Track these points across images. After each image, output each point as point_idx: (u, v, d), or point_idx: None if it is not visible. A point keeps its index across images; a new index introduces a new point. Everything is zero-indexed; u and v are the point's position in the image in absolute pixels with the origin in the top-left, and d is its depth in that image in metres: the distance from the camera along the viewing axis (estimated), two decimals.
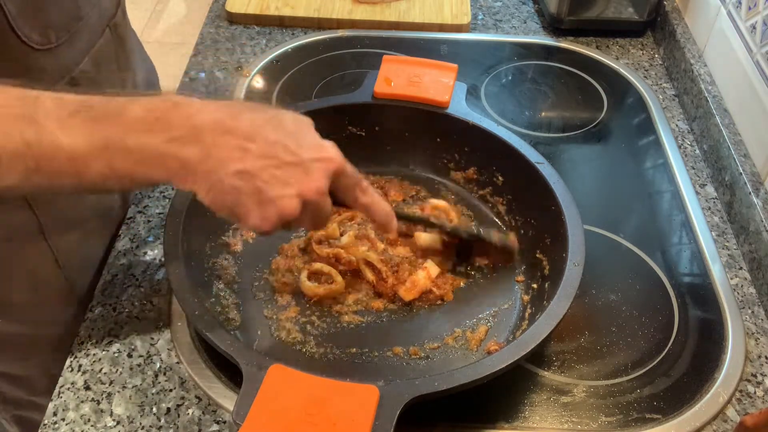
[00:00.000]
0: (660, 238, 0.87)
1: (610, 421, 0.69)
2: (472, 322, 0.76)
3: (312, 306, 0.77)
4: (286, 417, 0.56)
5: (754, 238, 0.83)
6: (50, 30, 0.67)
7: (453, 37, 1.18)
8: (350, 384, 0.58)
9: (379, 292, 0.78)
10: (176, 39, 2.99)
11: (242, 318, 0.76)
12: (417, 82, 0.88)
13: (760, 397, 0.72)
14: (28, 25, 0.65)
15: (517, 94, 1.09)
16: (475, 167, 0.88)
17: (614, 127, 1.04)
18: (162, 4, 3.19)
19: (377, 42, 1.16)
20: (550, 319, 0.66)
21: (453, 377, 0.61)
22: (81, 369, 0.72)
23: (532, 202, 0.81)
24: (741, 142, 0.92)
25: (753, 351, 0.76)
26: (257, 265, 0.81)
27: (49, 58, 0.69)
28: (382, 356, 0.73)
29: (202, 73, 1.10)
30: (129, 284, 0.80)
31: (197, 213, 0.76)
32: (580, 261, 0.71)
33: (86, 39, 0.74)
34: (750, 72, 0.92)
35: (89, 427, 0.68)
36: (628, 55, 1.16)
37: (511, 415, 0.69)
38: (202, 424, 0.68)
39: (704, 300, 0.80)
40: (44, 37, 0.67)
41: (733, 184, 0.89)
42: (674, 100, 1.08)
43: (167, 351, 0.74)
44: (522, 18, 1.23)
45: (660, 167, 0.97)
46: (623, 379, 0.73)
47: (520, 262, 0.82)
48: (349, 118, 0.89)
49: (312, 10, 1.19)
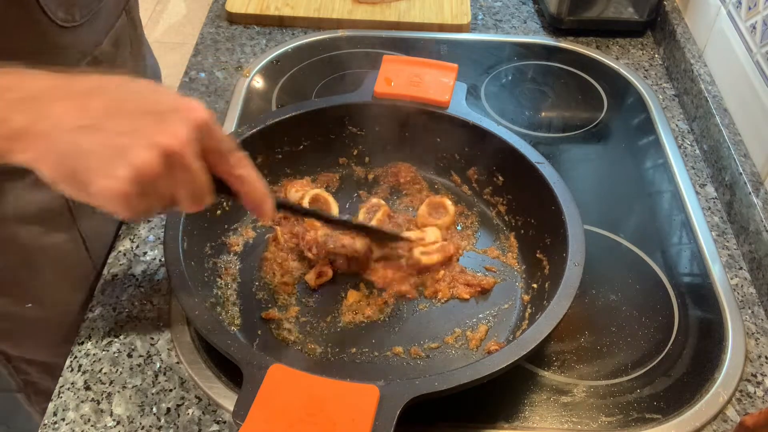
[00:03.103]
0: (660, 238, 0.87)
1: (610, 421, 0.69)
2: (472, 322, 0.77)
3: (312, 306, 0.78)
4: (286, 417, 0.56)
5: (754, 238, 0.83)
6: (75, 8, 0.68)
7: (453, 37, 1.18)
8: (350, 384, 0.58)
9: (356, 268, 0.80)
10: (176, 39, 2.99)
11: (242, 318, 0.76)
12: (417, 82, 0.88)
13: (760, 397, 0.72)
14: (55, 2, 0.65)
15: (517, 94, 1.09)
16: (475, 167, 0.88)
17: (614, 127, 1.04)
18: (162, 4, 3.19)
19: (377, 42, 1.16)
20: (550, 319, 0.66)
21: (453, 377, 0.61)
22: (81, 369, 0.72)
23: (532, 202, 0.81)
24: (741, 142, 0.92)
25: (753, 351, 0.76)
26: (257, 265, 0.81)
27: (72, 36, 0.69)
28: (382, 356, 0.73)
29: (202, 73, 1.10)
30: (129, 284, 0.80)
31: (197, 213, 0.76)
32: (580, 261, 0.71)
33: (106, 19, 0.74)
34: (750, 72, 0.92)
35: (89, 427, 0.68)
36: (628, 55, 1.16)
37: (511, 415, 0.69)
38: (202, 424, 0.68)
39: (704, 300, 0.80)
40: (69, 14, 0.67)
41: (733, 184, 0.89)
42: (674, 100, 1.08)
43: (167, 351, 0.74)
44: (522, 18, 1.23)
45: (660, 167, 0.97)
46: (623, 379, 0.73)
47: (520, 262, 0.82)
48: (349, 118, 0.89)
49: (312, 10, 1.19)
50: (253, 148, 0.84)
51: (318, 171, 0.91)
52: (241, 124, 0.98)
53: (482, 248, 0.84)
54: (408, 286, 0.78)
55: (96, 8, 0.71)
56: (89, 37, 0.72)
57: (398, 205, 0.89)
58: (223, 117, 1.01)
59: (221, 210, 0.82)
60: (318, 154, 0.90)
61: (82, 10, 0.69)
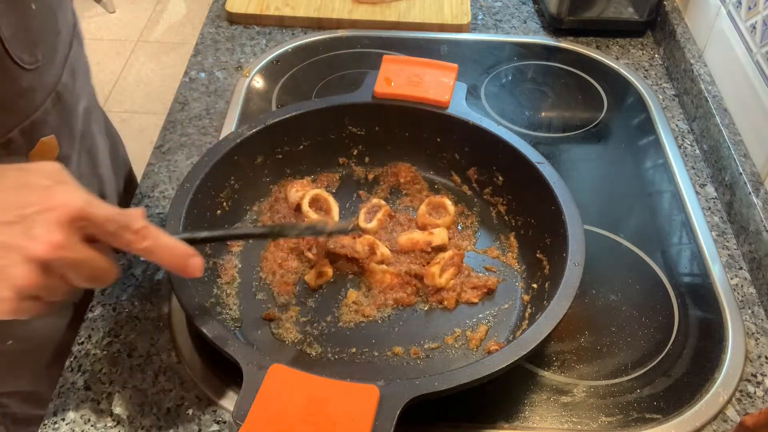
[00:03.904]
0: (660, 238, 0.87)
1: (610, 421, 0.69)
2: (472, 322, 0.76)
3: (312, 306, 0.78)
4: (286, 417, 0.56)
5: (754, 238, 0.83)
6: (37, 49, 0.67)
7: (453, 37, 1.18)
8: (350, 384, 0.58)
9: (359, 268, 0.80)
10: (176, 39, 2.99)
11: (242, 318, 0.76)
12: (417, 82, 0.88)
13: (760, 397, 0.72)
14: (20, 47, 0.64)
15: (517, 94, 1.09)
16: (475, 167, 0.88)
17: (614, 127, 1.04)
18: (162, 4, 3.19)
19: (377, 42, 1.16)
20: (550, 319, 0.65)
21: (453, 377, 0.61)
22: (81, 369, 0.72)
23: (532, 202, 0.81)
24: (741, 142, 0.92)
25: (753, 351, 0.76)
26: (257, 265, 0.81)
27: (37, 77, 0.68)
28: (382, 356, 0.73)
29: (202, 73, 1.10)
30: (129, 284, 0.80)
31: (197, 213, 0.76)
32: (580, 261, 0.71)
33: (62, 51, 0.74)
34: (750, 72, 0.92)
35: (89, 427, 0.68)
36: (628, 55, 1.16)
37: (511, 415, 0.69)
38: (202, 424, 0.68)
39: (704, 300, 0.80)
40: (33, 56, 0.67)
41: (733, 184, 0.89)
42: (674, 100, 1.08)
43: (167, 351, 0.74)
44: (522, 18, 1.23)
45: (660, 167, 0.97)
46: (623, 379, 0.73)
47: (520, 262, 0.82)
48: (349, 118, 0.89)
49: (312, 10, 1.19)
50: (253, 148, 0.84)
51: (318, 171, 0.91)
52: (241, 124, 0.98)
53: (482, 248, 0.84)
54: (404, 294, 0.78)
55: (55, 44, 0.71)
56: (51, 74, 0.71)
57: (398, 205, 0.89)
58: (223, 117, 1.01)
59: (221, 210, 0.82)
60: (318, 154, 0.90)
61: (44, 49, 0.69)
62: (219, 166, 0.79)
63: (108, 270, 0.53)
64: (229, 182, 0.82)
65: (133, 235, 0.53)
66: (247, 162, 0.84)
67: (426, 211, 0.85)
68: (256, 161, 0.86)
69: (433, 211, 0.86)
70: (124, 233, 0.53)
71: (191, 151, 0.96)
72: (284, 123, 0.85)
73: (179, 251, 0.56)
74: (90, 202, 0.50)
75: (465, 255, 0.81)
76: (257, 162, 0.86)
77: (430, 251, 0.81)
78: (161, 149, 0.97)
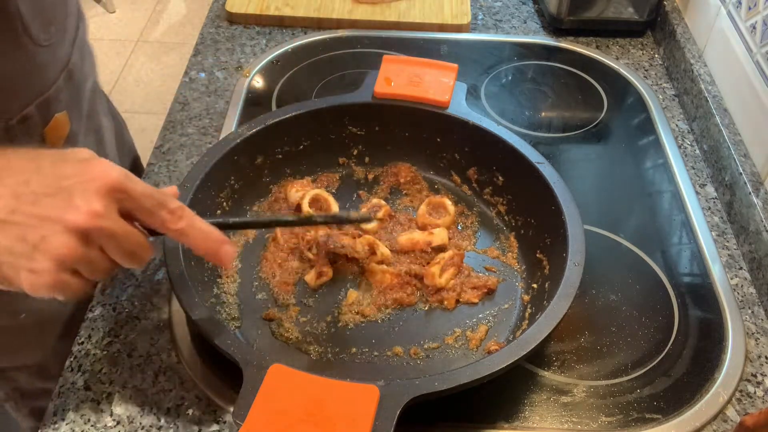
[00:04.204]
0: (660, 238, 0.87)
1: (610, 421, 0.69)
2: (472, 322, 0.76)
3: (312, 306, 0.78)
4: (286, 417, 0.56)
5: (754, 238, 0.83)
6: (51, 26, 0.69)
7: (453, 37, 1.18)
8: (350, 384, 0.58)
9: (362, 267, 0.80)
10: (176, 39, 2.99)
11: (242, 318, 0.76)
12: (417, 82, 0.88)
13: (760, 397, 0.72)
14: (36, 24, 0.66)
15: (517, 94, 1.09)
16: (475, 167, 0.88)
17: (614, 127, 1.04)
18: (162, 4, 3.19)
19: (377, 42, 1.16)
20: (550, 319, 0.65)
21: (453, 377, 0.61)
22: (81, 369, 0.72)
23: (532, 202, 0.81)
24: (741, 142, 0.92)
25: (753, 351, 0.76)
26: (257, 265, 0.81)
27: (50, 53, 0.70)
28: (382, 356, 0.73)
29: (202, 73, 1.10)
30: (129, 284, 0.80)
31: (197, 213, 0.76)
32: (580, 261, 0.71)
33: (71, 30, 0.76)
34: (750, 72, 0.92)
35: (89, 427, 0.68)
36: (628, 55, 1.16)
37: (511, 415, 0.69)
38: (202, 424, 0.68)
39: (704, 300, 0.80)
40: (47, 33, 0.69)
41: (733, 184, 0.89)
42: (674, 100, 1.08)
43: (167, 351, 0.74)
44: (522, 18, 1.23)
45: (660, 167, 0.97)
46: (623, 379, 0.73)
47: (520, 262, 0.82)
48: (349, 118, 0.89)
49: (312, 10, 1.19)
50: (253, 148, 0.84)
51: (318, 171, 0.91)
52: (241, 124, 0.98)
53: (482, 248, 0.84)
54: (404, 294, 0.78)
55: (64, 21, 0.73)
56: (62, 52, 0.73)
57: (398, 205, 0.89)
58: (223, 117, 1.01)
59: (221, 210, 0.82)
60: (318, 154, 0.90)
61: (57, 26, 0.70)
62: (219, 166, 0.79)
63: (145, 246, 0.52)
64: (229, 182, 0.82)
65: (169, 214, 0.53)
66: (247, 162, 0.84)
67: (426, 211, 0.85)
68: (256, 161, 0.86)
69: (433, 211, 0.86)
70: (160, 211, 0.52)
71: (191, 151, 0.96)
72: (284, 123, 0.85)
73: (214, 236, 0.56)
74: (128, 175, 0.51)
75: (465, 255, 0.81)
76: (257, 162, 0.86)
77: (430, 251, 0.81)
78: (161, 149, 0.97)
